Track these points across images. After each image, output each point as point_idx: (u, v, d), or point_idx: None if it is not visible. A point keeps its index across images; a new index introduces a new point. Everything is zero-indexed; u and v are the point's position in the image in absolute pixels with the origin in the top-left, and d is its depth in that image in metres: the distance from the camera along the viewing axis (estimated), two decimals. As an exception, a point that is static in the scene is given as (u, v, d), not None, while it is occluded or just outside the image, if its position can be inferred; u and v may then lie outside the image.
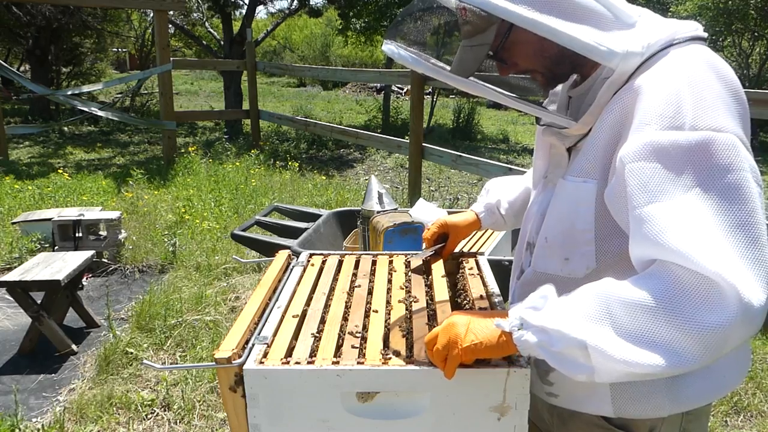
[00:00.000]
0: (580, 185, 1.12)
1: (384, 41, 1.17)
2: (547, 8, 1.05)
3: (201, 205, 6.05)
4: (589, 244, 1.13)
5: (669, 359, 0.88)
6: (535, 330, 0.97)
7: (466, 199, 7.17)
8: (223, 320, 3.75)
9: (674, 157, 0.94)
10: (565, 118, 1.17)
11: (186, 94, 18.91)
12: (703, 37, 1.11)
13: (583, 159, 1.12)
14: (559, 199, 1.18)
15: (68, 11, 12.23)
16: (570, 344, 0.93)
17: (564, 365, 0.95)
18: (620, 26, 1.09)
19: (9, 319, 3.97)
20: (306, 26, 27.80)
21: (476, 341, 1.04)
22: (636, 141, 0.97)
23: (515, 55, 1.16)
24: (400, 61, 1.13)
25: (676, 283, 0.88)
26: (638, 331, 0.89)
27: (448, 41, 1.19)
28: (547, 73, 1.18)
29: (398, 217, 2.80)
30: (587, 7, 1.07)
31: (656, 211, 0.92)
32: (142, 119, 10.94)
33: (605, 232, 1.11)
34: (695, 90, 0.98)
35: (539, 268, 1.24)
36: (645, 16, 1.14)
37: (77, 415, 2.88)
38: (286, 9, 13.34)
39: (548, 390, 1.26)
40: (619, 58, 1.06)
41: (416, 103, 6.18)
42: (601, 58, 1.06)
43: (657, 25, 1.11)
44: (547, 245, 1.21)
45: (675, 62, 1.04)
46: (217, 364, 1.15)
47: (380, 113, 13.16)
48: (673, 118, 0.96)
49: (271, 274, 1.59)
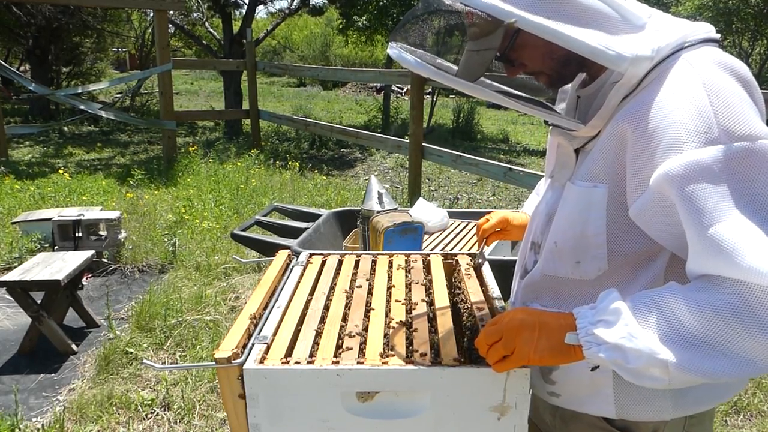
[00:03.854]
0: (591, 190, 1.11)
1: (389, 44, 1.16)
2: (554, 12, 1.04)
3: (201, 205, 6.05)
4: (600, 248, 1.13)
5: (745, 368, 0.89)
6: (609, 347, 0.95)
7: (466, 199, 7.17)
8: (223, 320, 3.75)
9: (720, 174, 0.93)
10: (573, 121, 1.16)
11: (186, 94, 18.91)
12: (715, 39, 1.08)
13: (593, 163, 1.11)
14: (568, 203, 1.17)
15: (68, 11, 12.23)
16: (649, 363, 0.92)
17: (638, 378, 0.95)
18: (629, 28, 1.07)
19: (9, 319, 3.97)
20: (306, 26, 27.81)
21: (545, 356, 1.02)
22: (677, 162, 0.95)
23: (523, 57, 1.15)
24: (406, 65, 1.12)
25: (750, 294, 0.88)
26: (715, 342, 0.89)
27: (453, 45, 1.18)
28: (553, 74, 1.17)
29: (398, 217, 2.80)
30: (594, 10, 1.06)
31: (720, 233, 0.91)
32: (142, 119, 10.94)
33: (617, 235, 1.11)
34: (720, 98, 0.97)
35: (548, 271, 1.23)
36: (655, 16, 1.12)
37: (77, 415, 2.88)
38: (286, 9, 13.34)
39: (550, 389, 1.25)
40: (627, 62, 1.04)
41: (416, 103, 6.18)
42: (610, 62, 1.05)
43: (668, 27, 1.09)
44: (557, 249, 1.20)
45: (690, 68, 1.01)
46: (217, 364, 1.15)
47: (380, 113, 13.16)
48: (708, 133, 0.95)
49: (271, 274, 1.59)
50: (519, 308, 1.12)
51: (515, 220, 1.60)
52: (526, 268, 1.33)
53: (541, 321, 1.03)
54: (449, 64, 1.19)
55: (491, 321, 1.10)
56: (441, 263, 1.67)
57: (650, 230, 1.04)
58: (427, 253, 1.75)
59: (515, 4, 1.04)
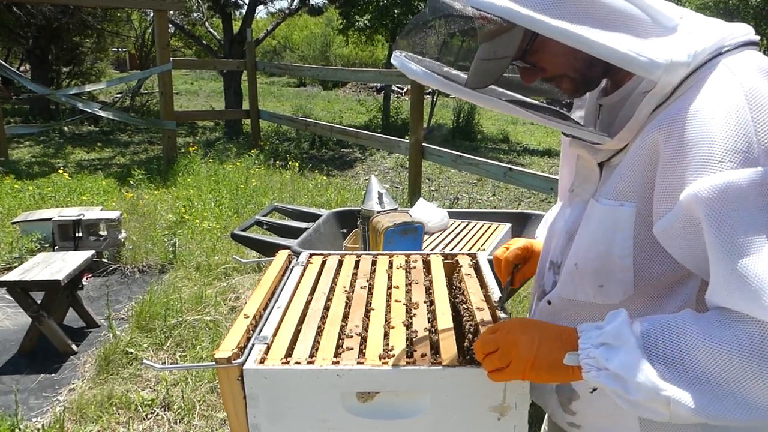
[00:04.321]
0: (617, 209, 1.01)
1: (393, 53, 1.08)
2: (577, 14, 0.94)
3: (201, 205, 6.05)
4: (626, 271, 1.03)
5: (753, 413, 0.84)
6: (610, 375, 0.90)
7: (466, 199, 7.17)
8: (223, 320, 3.75)
9: (756, 201, 0.85)
10: (597, 134, 1.06)
11: (186, 94, 18.91)
12: (755, 41, 0.99)
13: (619, 179, 1.01)
14: (591, 222, 1.07)
15: (68, 11, 12.22)
16: (650, 397, 0.87)
17: (636, 410, 0.90)
18: (660, 31, 0.97)
19: (9, 319, 3.97)
20: (306, 26, 27.81)
21: (542, 374, 0.97)
22: (709, 183, 0.86)
23: (543, 61, 1.05)
24: (412, 76, 1.04)
25: None
26: (725, 382, 0.85)
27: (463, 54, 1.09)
28: (578, 78, 1.06)
29: (398, 217, 2.79)
30: (622, 11, 0.96)
31: (749, 267, 0.83)
32: (142, 119, 10.94)
33: (645, 257, 1.02)
34: (764, 113, 0.88)
35: (567, 294, 1.14)
36: (687, 16, 1.02)
37: (77, 415, 2.88)
38: (286, 9, 13.34)
39: (570, 420, 1.19)
40: (661, 69, 0.94)
41: (416, 103, 6.19)
42: (642, 69, 0.95)
43: (703, 29, 0.98)
44: (578, 272, 1.10)
45: (731, 77, 0.92)
46: (217, 364, 1.15)
47: (380, 113, 13.16)
48: (747, 152, 0.86)
49: (271, 274, 1.59)
50: (519, 319, 1.06)
51: (540, 247, 1.38)
52: (544, 289, 1.24)
53: (541, 336, 0.98)
54: (458, 72, 1.10)
55: (490, 328, 1.06)
56: (441, 263, 1.66)
57: (674, 251, 0.96)
58: (427, 253, 1.75)
59: (533, 6, 0.94)
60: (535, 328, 1.00)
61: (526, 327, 1.00)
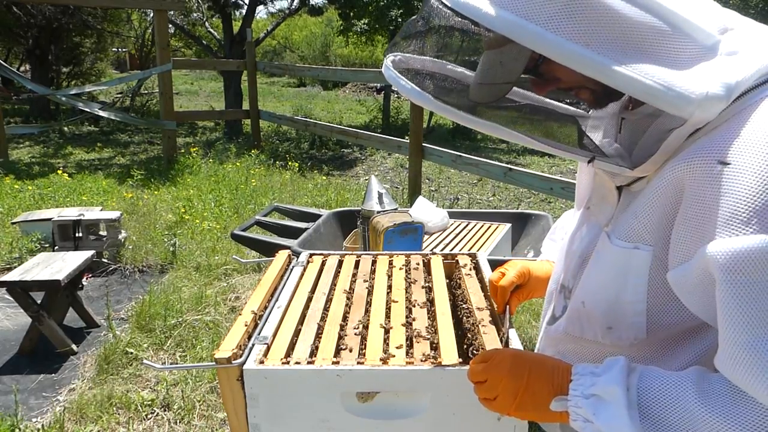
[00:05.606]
0: (631, 252, 0.93)
1: (384, 64, 0.99)
2: (592, 34, 0.81)
3: (201, 205, 6.05)
4: (638, 316, 0.96)
5: None
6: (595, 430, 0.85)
7: (466, 199, 7.17)
8: (223, 320, 3.75)
9: None
10: (618, 165, 0.94)
11: (186, 94, 18.91)
12: None
13: (635, 219, 0.92)
14: (602, 263, 0.99)
15: (68, 11, 12.23)
16: None
17: None
18: (696, 53, 0.83)
19: (9, 319, 3.97)
20: (306, 26, 27.81)
21: (528, 414, 0.93)
22: (729, 246, 0.77)
23: (558, 71, 0.90)
24: (405, 93, 0.94)
25: None
26: None
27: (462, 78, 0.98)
28: (599, 89, 0.89)
29: (398, 217, 2.80)
30: (647, 28, 0.81)
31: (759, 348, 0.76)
32: (142, 119, 10.94)
33: (659, 303, 0.94)
34: None
35: (573, 331, 1.08)
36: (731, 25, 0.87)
37: (77, 415, 2.88)
38: (286, 9, 13.35)
39: None
40: (694, 105, 0.80)
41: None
42: (670, 106, 0.81)
43: (748, 48, 0.84)
44: (585, 311, 1.03)
45: None
46: (217, 364, 1.15)
47: (380, 113, 13.16)
48: None
49: (271, 274, 1.59)
50: (511, 353, 0.98)
51: (538, 271, 1.32)
52: (554, 314, 1.17)
53: (531, 376, 0.92)
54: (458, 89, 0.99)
55: (482, 355, 1.01)
56: (441, 263, 1.66)
57: (688, 302, 0.89)
58: (427, 253, 1.75)
59: (544, 23, 0.80)
60: (525, 367, 0.93)
61: (516, 364, 0.94)
